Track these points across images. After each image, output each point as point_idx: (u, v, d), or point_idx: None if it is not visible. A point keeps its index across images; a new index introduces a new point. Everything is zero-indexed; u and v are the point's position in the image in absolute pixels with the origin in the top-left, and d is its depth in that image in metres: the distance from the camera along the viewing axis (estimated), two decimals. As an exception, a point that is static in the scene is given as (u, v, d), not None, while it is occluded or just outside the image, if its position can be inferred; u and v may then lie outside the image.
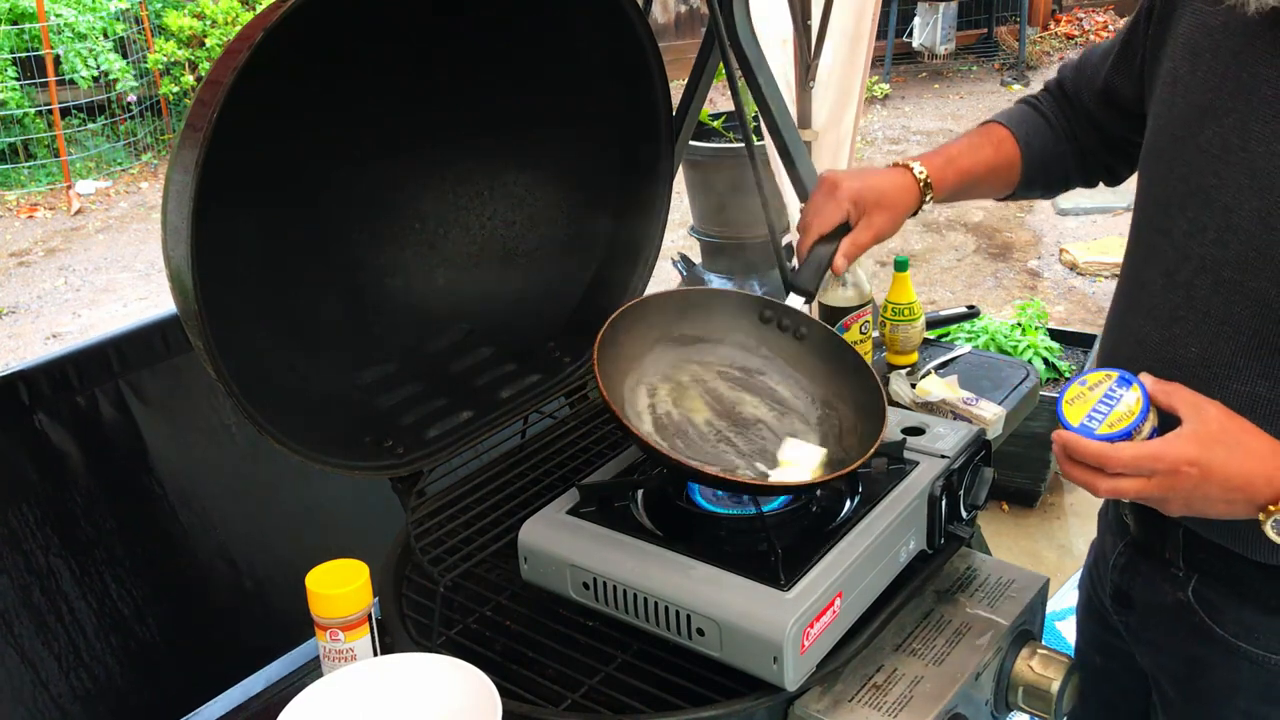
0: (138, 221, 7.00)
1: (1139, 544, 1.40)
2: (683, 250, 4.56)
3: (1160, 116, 1.31)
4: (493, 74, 1.52)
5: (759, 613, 1.12)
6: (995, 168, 1.52)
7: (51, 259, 6.49)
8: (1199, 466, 1.08)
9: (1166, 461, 1.08)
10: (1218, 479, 1.08)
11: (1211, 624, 1.30)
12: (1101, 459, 1.09)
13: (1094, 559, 1.54)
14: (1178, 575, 1.33)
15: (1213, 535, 1.26)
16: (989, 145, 1.52)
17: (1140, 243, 1.34)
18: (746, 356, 1.43)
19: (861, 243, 1.40)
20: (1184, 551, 1.32)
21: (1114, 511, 1.46)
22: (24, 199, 7.32)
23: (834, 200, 1.40)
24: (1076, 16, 10.16)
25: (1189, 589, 1.32)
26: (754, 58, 2.47)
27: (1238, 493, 1.09)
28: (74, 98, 7.63)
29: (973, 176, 1.50)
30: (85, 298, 5.96)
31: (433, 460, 1.47)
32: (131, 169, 7.78)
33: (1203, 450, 1.08)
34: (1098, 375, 1.16)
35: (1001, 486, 3.44)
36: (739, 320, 1.44)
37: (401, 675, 1.17)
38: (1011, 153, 1.52)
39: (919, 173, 1.45)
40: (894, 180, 1.44)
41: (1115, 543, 1.45)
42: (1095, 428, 1.11)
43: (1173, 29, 1.31)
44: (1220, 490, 1.09)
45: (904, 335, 1.97)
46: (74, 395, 1.76)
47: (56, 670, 1.65)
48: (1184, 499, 1.10)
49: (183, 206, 1.10)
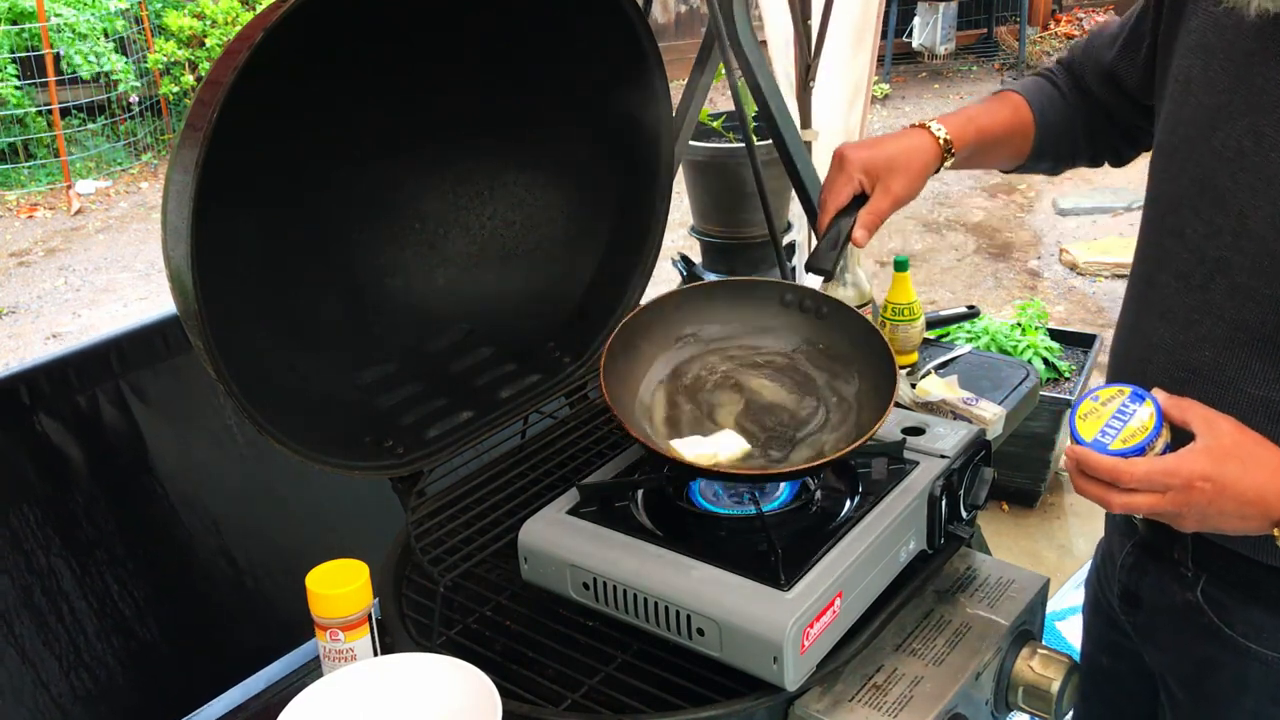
0: (138, 221, 7.01)
1: (1147, 544, 1.40)
2: (683, 250, 4.55)
3: (1171, 116, 1.30)
4: (493, 74, 1.52)
5: (759, 613, 1.12)
6: (1012, 132, 1.49)
7: (51, 259, 6.49)
8: (1213, 482, 1.07)
9: (1180, 477, 1.07)
10: (1232, 494, 1.08)
11: (1220, 624, 1.30)
12: (1115, 474, 1.09)
13: (1101, 559, 1.54)
14: (1186, 576, 1.33)
15: (1221, 538, 1.26)
16: (1007, 108, 1.50)
17: (1152, 243, 1.33)
18: (775, 341, 1.40)
19: (880, 209, 1.36)
20: (1193, 552, 1.31)
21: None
22: (24, 199, 7.32)
23: (844, 174, 1.37)
24: (1076, 16, 10.16)
25: (1198, 589, 1.32)
26: (754, 58, 2.47)
27: (1252, 507, 1.08)
28: (74, 98, 7.64)
29: (991, 137, 1.47)
30: (85, 298, 5.96)
31: (433, 460, 1.47)
32: (131, 169, 7.78)
33: (1216, 465, 1.08)
34: (1110, 391, 1.16)
35: (1001, 486, 3.44)
36: (762, 308, 1.42)
37: (401, 675, 1.17)
38: (1027, 119, 1.49)
39: (937, 130, 1.41)
40: (908, 142, 1.40)
41: (1123, 543, 1.45)
42: (1109, 443, 1.11)
43: (1184, 24, 1.29)
44: (1235, 505, 1.08)
45: (904, 335, 1.97)
46: (74, 395, 1.76)
47: (57, 670, 1.65)
48: (1199, 515, 1.09)
49: (183, 206, 1.10)
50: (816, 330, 1.40)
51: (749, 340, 1.41)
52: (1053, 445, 3.65)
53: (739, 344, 1.41)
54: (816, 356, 1.38)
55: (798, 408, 1.31)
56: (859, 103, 3.23)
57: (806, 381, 1.34)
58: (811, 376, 1.35)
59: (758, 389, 1.34)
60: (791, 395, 1.33)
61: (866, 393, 1.34)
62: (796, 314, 1.42)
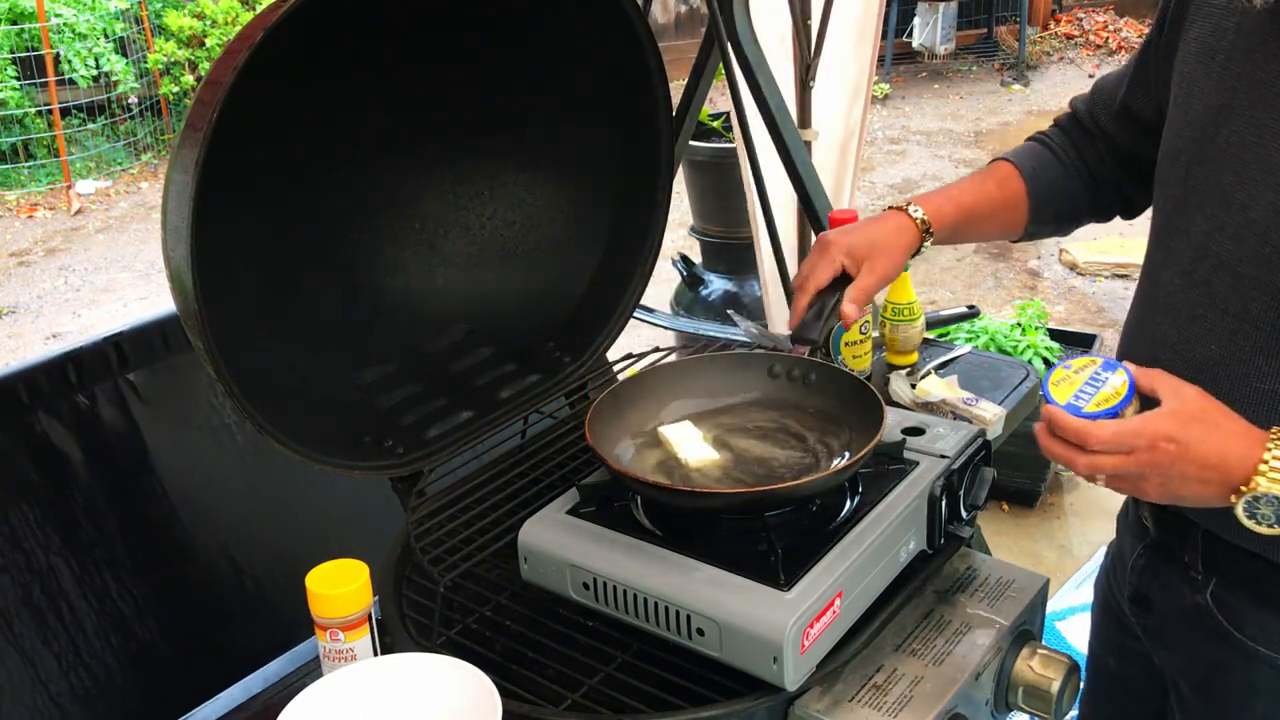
0: (138, 221, 7.00)
1: (1158, 546, 1.40)
2: (683, 250, 4.56)
3: (1175, 121, 1.31)
4: (493, 74, 1.52)
5: (759, 613, 1.12)
6: (999, 205, 1.52)
7: (51, 259, 6.49)
8: (1177, 443, 1.10)
9: (1145, 437, 1.10)
10: (1195, 456, 1.10)
11: (1230, 628, 1.30)
12: (1082, 435, 1.11)
13: (1111, 562, 1.54)
14: (1196, 579, 1.33)
15: (1233, 536, 1.25)
16: (991, 181, 1.53)
17: (1159, 244, 1.34)
18: (764, 410, 1.44)
19: (866, 287, 1.42)
20: (1203, 555, 1.32)
21: (1134, 514, 1.46)
22: (24, 199, 7.32)
23: (826, 257, 1.43)
24: (1076, 16, 10.16)
25: (1207, 592, 1.32)
26: (754, 58, 2.47)
27: (1212, 471, 1.11)
28: (74, 98, 7.64)
29: (974, 212, 1.50)
30: (85, 298, 5.96)
31: (433, 460, 1.47)
32: (131, 169, 7.78)
33: (1181, 427, 1.11)
34: (1083, 360, 1.18)
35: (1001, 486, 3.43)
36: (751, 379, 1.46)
37: (401, 675, 1.17)
38: (1017, 188, 1.52)
39: (914, 212, 1.46)
40: (888, 225, 1.46)
41: (1134, 545, 1.45)
42: (1083, 407, 1.13)
43: (1184, 34, 1.31)
44: (1196, 469, 1.11)
45: (904, 335, 1.97)
46: (74, 394, 1.76)
47: (56, 669, 1.65)
48: (1161, 476, 1.12)
49: (183, 206, 1.10)
50: (805, 396, 1.43)
51: (738, 410, 1.44)
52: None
53: (728, 413, 1.44)
54: (806, 419, 1.41)
55: (787, 458, 1.33)
56: (859, 103, 3.23)
57: (796, 439, 1.37)
58: (802, 435, 1.38)
59: (747, 447, 1.36)
60: (782, 450, 1.35)
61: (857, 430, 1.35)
62: (785, 383, 1.45)
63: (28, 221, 7.07)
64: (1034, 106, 8.24)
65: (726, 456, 1.35)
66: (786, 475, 1.30)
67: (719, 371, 1.47)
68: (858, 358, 1.90)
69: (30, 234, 6.87)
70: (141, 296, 5.91)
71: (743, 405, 1.45)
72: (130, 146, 7.92)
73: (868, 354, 1.92)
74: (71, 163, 7.50)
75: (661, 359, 1.60)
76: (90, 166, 7.68)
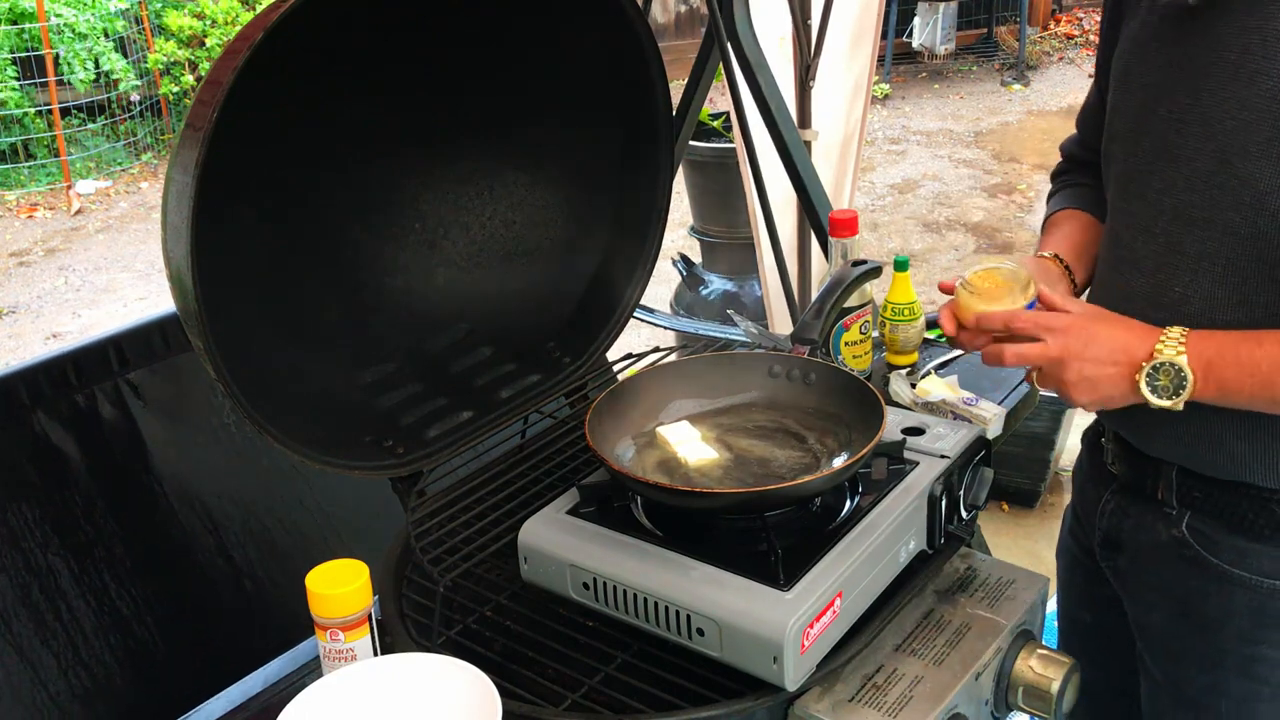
0: (138, 221, 7.01)
1: (1129, 486, 1.47)
2: (683, 250, 4.56)
3: (1117, 106, 1.41)
4: (492, 74, 1.52)
5: (759, 613, 1.12)
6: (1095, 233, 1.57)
7: (51, 259, 6.49)
8: (1087, 331, 1.28)
9: (1062, 321, 1.29)
10: (1103, 340, 1.27)
11: (1207, 555, 1.38)
12: (1009, 320, 1.31)
13: (1071, 521, 1.64)
14: (1170, 513, 1.41)
15: (1207, 469, 1.36)
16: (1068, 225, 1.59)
17: (1116, 213, 1.43)
18: (764, 410, 1.44)
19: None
20: (1177, 490, 1.39)
21: (1094, 465, 1.56)
22: (24, 199, 7.32)
23: None
24: (1076, 16, 10.16)
25: (1183, 525, 1.40)
26: (754, 58, 2.47)
27: (1121, 353, 1.26)
28: (74, 98, 7.63)
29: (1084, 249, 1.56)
30: (85, 298, 5.96)
31: (433, 460, 1.47)
32: (131, 169, 7.78)
33: (1089, 319, 1.30)
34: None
35: (1001, 486, 3.44)
36: (751, 380, 1.46)
37: (401, 675, 1.17)
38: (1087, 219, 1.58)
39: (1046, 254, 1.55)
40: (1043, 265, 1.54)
41: (1100, 493, 1.52)
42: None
43: (1121, 34, 1.42)
44: (1107, 351, 1.27)
45: (904, 335, 1.97)
46: (74, 394, 1.75)
47: (55, 669, 1.65)
48: (1078, 360, 1.26)
49: (183, 206, 1.10)
50: (805, 396, 1.43)
51: (738, 410, 1.45)
52: (1053, 445, 3.65)
53: (728, 413, 1.44)
54: (806, 419, 1.41)
55: (787, 458, 1.33)
56: (859, 103, 3.23)
57: (796, 439, 1.37)
58: (802, 435, 1.38)
59: (747, 448, 1.36)
60: (782, 451, 1.35)
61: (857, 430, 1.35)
62: (785, 383, 1.45)
63: (28, 221, 7.07)
64: (1034, 106, 8.24)
65: (726, 456, 1.35)
66: (786, 475, 1.30)
67: (719, 371, 1.48)
68: (858, 358, 1.90)
69: (30, 234, 6.87)
70: (141, 296, 5.91)
71: (743, 405, 1.45)
72: (130, 146, 7.92)
73: (868, 354, 1.92)
74: (71, 163, 7.50)
75: (661, 359, 1.60)
76: (90, 166, 7.68)
